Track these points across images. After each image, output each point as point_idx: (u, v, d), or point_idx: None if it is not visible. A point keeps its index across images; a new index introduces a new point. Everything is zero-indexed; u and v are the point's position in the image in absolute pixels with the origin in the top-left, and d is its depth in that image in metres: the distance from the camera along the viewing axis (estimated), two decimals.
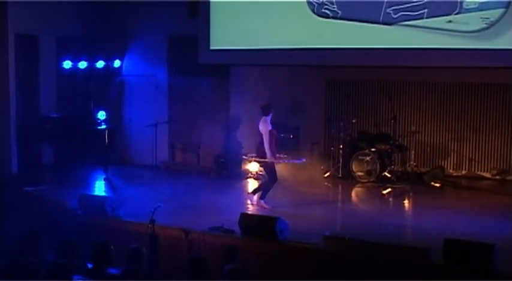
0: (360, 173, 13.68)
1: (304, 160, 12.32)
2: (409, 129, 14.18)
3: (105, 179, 14.15)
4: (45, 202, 11.67)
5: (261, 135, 11.65)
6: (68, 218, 10.81)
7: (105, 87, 16.25)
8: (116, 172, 14.66)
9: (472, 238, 8.70)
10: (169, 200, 11.80)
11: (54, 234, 8.82)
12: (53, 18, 15.40)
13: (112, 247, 7.64)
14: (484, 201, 12.67)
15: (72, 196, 11.46)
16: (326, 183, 13.69)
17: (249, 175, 14.33)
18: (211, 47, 14.49)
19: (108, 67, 16.00)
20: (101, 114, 15.36)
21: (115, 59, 16.08)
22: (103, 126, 14.95)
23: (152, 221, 9.40)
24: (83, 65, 15.53)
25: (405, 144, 14.16)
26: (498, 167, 14.10)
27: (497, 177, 14.01)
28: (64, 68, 15.39)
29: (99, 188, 13.66)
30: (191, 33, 14.68)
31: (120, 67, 16.29)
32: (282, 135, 14.56)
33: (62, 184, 13.45)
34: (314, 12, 13.38)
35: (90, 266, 7.47)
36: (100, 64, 15.84)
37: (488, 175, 14.18)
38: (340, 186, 13.58)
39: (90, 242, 7.72)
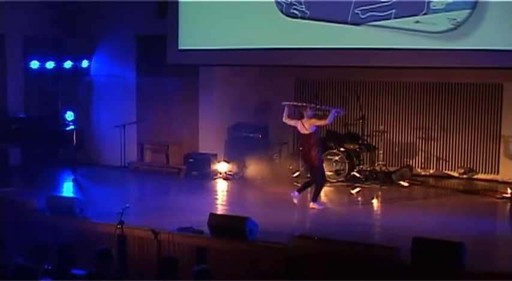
0: (328, 173, 13.68)
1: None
2: (377, 129, 14.25)
3: (73, 180, 14.02)
4: (12, 203, 11.54)
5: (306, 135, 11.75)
6: (36, 219, 10.72)
7: (73, 88, 16.11)
8: (84, 172, 14.55)
9: (440, 237, 8.76)
10: (138, 201, 11.77)
11: (22, 236, 8.74)
12: (20, 17, 15.24)
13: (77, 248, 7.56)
14: (451, 200, 12.77)
15: (40, 197, 11.35)
16: (295, 183, 13.67)
17: (219, 175, 14.32)
18: (180, 47, 14.44)
19: (76, 67, 15.84)
20: (69, 115, 15.24)
21: (83, 59, 15.94)
22: (71, 127, 14.84)
23: (121, 222, 9.34)
24: (50, 65, 15.38)
25: (374, 143, 14.23)
26: (465, 166, 14.22)
27: (465, 176, 14.13)
28: (31, 68, 15.24)
29: (68, 189, 13.55)
30: (160, 33, 14.61)
31: (88, 67, 16.14)
32: (251, 135, 14.62)
33: (30, 185, 13.32)
34: (282, 12, 13.38)
35: (56, 268, 7.40)
36: (68, 64, 15.68)
37: (455, 174, 14.30)
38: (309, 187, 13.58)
39: (59, 244, 7.65)
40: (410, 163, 14.52)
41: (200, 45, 14.25)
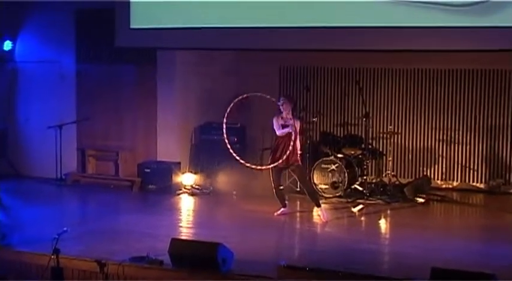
0: (323, 186, 13.76)
1: None
2: (385, 130, 14.31)
3: None
4: None
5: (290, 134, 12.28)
6: None
7: None
8: (8, 187, 14.50)
9: (465, 267, 8.81)
10: (79, 223, 11.74)
11: None
12: None
13: None
14: (480, 220, 12.84)
15: None
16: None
17: (183, 189, 14.33)
18: (132, 26, 14.40)
19: None
20: None
21: (5, 40, 15.93)
22: None
23: (56, 251, 9.32)
24: None
25: (380, 148, 14.29)
26: (498, 177, 14.30)
27: (496, 189, 14.21)
28: None
29: None
30: (106, 7, 14.58)
31: (12, 51, 16.13)
32: (224, 138, 14.61)
33: None
34: None
35: None
36: None
37: (485, 187, 14.38)
38: (298, 202, 13.63)
39: None
40: (428, 173, 14.60)
41: (158, 23, 14.22)
